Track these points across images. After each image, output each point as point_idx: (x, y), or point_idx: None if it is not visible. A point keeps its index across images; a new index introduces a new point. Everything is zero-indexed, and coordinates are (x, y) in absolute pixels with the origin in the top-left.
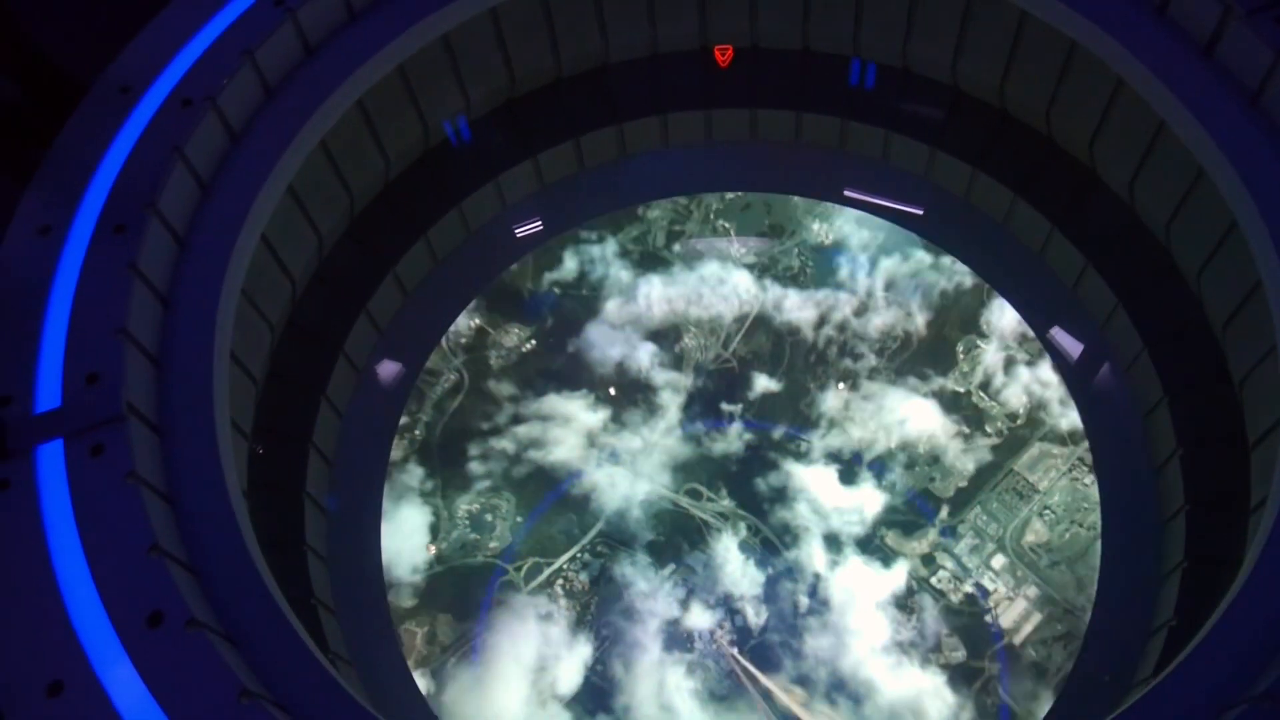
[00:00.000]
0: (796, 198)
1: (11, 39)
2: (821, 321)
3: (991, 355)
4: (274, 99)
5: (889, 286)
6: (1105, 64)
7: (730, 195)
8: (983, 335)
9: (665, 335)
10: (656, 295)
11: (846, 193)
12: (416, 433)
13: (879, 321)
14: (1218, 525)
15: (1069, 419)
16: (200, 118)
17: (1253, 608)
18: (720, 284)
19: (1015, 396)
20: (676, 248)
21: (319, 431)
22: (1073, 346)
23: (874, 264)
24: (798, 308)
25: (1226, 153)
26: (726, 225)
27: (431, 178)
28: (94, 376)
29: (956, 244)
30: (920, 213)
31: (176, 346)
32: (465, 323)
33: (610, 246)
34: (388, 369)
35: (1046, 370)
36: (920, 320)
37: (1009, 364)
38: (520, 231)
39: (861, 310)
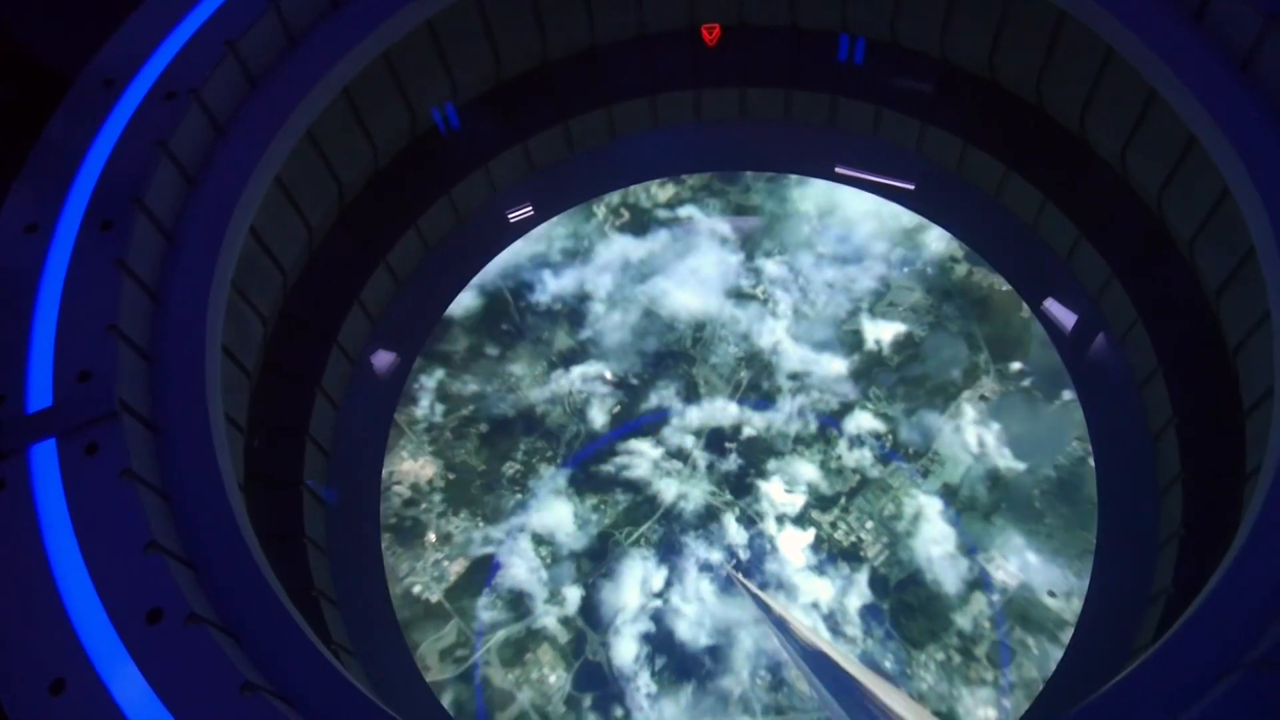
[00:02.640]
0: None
1: None
2: (768, 427)
3: (844, 444)
4: (258, 90)
5: (800, 408)
6: (1094, 32)
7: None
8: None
9: (699, 433)
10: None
11: (838, 169)
12: (558, 462)
13: (794, 427)
14: (1214, 493)
15: (880, 468)
16: (184, 111)
17: (1248, 574)
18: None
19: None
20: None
21: (315, 423)
22: (1066, 318)
23: (794, 397)
24: (752, 421)
25: (1217, 119)
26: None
27: (420, 165)
28: (85, 374)
29: (949, 218)
30: (911, 187)
31: (168, 341)
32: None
33: (673, 393)
34: (382, 359)
35: (866, 452)
36: (814, 425)
37: (852, 445)
38: (512, 216)
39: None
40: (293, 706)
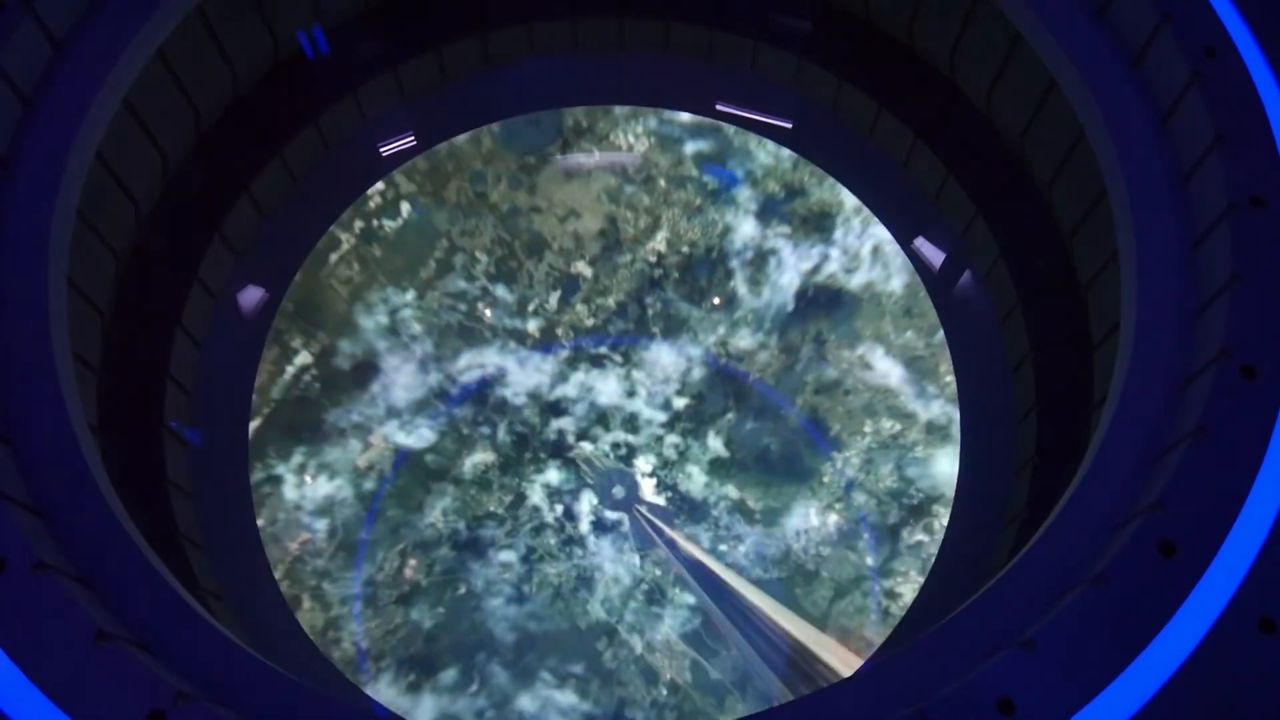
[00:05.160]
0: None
1: None
2: (634, 440)
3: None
4: (100, 3)
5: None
6: None
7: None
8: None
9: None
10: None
11: (718, 106)
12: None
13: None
14: (1065, 422)
15: (678, 455)
16: (16, 24)
17: (1089, 499)
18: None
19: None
20: None
21: (175, 362)
22: (935, 255)
23: (645, 429)
24: (628, 437)
25: (1075, 62)
26: None
27: (285, 92)
28: None
29: (823, 157)
30: (789, 126)
31: (6, 276)
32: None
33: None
34: (249, 295)
35: (675, 450)
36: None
37: (668, 447)
38: (384, 149)
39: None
40: (152, 654)
